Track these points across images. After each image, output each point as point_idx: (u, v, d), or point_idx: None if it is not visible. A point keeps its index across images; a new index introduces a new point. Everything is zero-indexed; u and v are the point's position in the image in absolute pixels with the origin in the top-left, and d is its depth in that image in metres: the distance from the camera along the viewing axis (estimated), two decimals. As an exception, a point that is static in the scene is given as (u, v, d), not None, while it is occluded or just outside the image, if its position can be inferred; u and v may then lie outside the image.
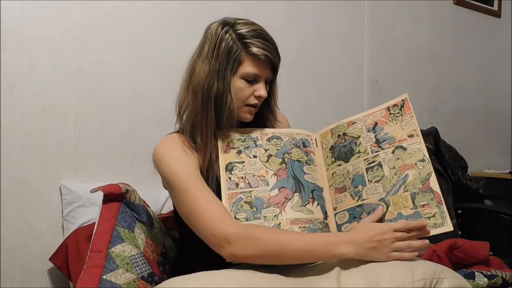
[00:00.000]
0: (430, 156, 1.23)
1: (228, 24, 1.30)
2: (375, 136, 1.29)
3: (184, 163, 1.26)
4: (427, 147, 1.24)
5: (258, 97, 1.31)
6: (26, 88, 1.68)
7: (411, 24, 2.83)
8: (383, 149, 1.26)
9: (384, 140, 1.27)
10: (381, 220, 1.17)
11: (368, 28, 2.63)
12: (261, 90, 1.30)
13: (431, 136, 2.54)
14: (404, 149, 1.24)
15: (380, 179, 1.23)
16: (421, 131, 1.27)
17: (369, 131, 1.30)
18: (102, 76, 1.82)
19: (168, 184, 1.28)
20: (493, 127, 3.30)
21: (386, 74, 2.71)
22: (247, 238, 1.12)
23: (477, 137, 3.19)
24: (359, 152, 1.29)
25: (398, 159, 1.23)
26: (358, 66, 2.61)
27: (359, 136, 1.31)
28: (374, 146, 1.28)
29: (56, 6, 1.73)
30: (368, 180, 1.24)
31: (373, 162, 1.26)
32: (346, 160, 1.30)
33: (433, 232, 1.14)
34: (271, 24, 1.38)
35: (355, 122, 1.34)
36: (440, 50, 2.99)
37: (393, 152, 1.24)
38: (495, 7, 3.27)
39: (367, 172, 1.25)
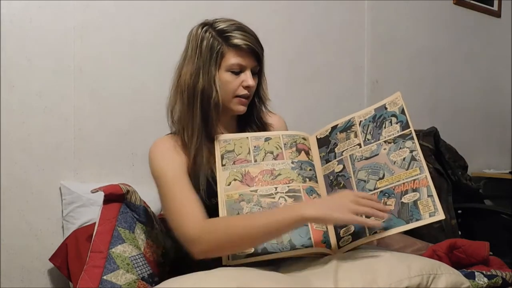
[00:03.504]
0: (430, 156, 1.23)
1: (207, 24, 1.35)
2: None
3: (169, 162, 1.30)
4: (427, 147, 1.25)
5: (246, 87, 1.33)
6: (26, 88, 1.68)
7: (411, 24, 2.83)
8: None
9: None
10: None
11: (368, 28, 2.62)
12: (248, 80, 1.32)
13: (431, 136, 2.53)
14: None
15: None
16: (421, 131, 1.27)
17: None
18: (102, 76, 1.82)
19: (155, 183, 1.32)
20: (493, 127, 3.30)
21: (386, 74, 2.70)
22: (205, 234, 1.16)
23: (477, 137, 3.19)
24: None
25: None
26: (358, 66, 2.61)
27: None
28: None
29: (56, 6, 1.73)
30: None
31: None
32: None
33: (428, 221, 1.13)
34: (271, 24, 1.39)
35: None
36: (440, 50, 2.99)
37: None
38: (495, 7, 3.27)
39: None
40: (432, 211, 1.13)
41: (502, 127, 3.34)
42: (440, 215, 1.12)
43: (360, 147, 1.30)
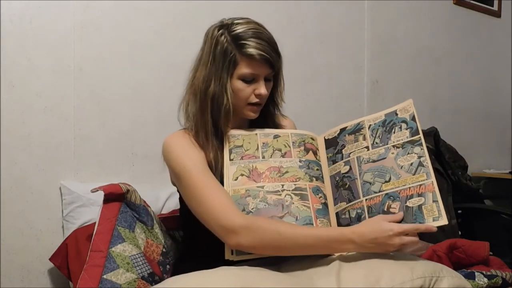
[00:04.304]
0: (430, 156, 1.23)
1: (224, 26, 1.31)
2: None
3: (192, 155, 1.29)
4: (427, 147, 1.25)
5: (258, 96, 1.33)
6: (26, 88, 1.68)
7: (411, 24, 2.83)
8: None
9: None
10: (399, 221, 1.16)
11: (368, 28, 2.62)
12: (261, 89, 1.31)
13: (431, 136, 2.54)
14: None
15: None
16: (421, 131, 1.28)
17: None
18: (102, 76, 1.82)
19: (177, 176, 1.30)
20: (493, 127, 3.30)
21: (386, 74, 2.70)
22: (251, 229, 1.16)
23: (477, 137, 3.19)
24: None
25: None
26: (358, 66, 2.61)
27: None
28: None
29: (56, 6, 1.73)
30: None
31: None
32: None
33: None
34: (271, 24, 1.38)
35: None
36: (440, 50, 2.99)
37: None
38: (495, 7, 3.27)
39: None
40: (436, 216, 1.13)
41: (502, 127, 3.34)
42: (443, 221, 1.13)
43: (368, 149, 1.30)
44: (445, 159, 2.56)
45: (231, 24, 1.31)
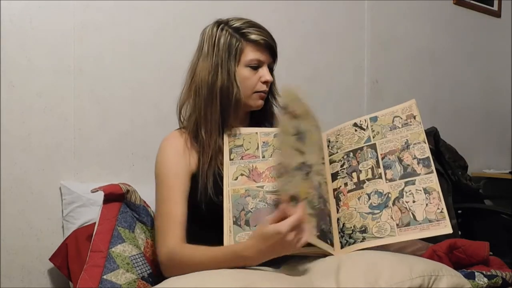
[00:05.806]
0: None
1: (222, 22, 1.37)
2: None
3: (172, 165, 1.32)
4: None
5: (265, 82, 1.36)
6: (26, 88, 1.68)
7: (411, 24, 2.83)
8: None
9: None
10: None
11: (368, 28, 2.63)
12: (266, 75, 1.36)
13: (431, 136, 2.54)
14: None
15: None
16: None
17: None
18: (102, 76, 1.82)
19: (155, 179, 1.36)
20: (493, 127, 3.30)
21: (386, 74, 2.71)
22: (170, 266, 1.24)
23: (477, 137, 3.19)
24: None
25: None
26: (358, 66, 2.61)
27: None
28: None
29: (56, 6, 1.73)
30: None
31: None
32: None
33: (434, 232, 1.14)
34: (271, 24, 1.40)
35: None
36: (440, 50, 2.99)
37: None
38: (495, 7, 3.27)
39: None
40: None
41: (502, 127, 3.34)
42: (448, 228, 1.15)
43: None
44: (445, 159, 2.56)
45: (228, 21, 1.36)
